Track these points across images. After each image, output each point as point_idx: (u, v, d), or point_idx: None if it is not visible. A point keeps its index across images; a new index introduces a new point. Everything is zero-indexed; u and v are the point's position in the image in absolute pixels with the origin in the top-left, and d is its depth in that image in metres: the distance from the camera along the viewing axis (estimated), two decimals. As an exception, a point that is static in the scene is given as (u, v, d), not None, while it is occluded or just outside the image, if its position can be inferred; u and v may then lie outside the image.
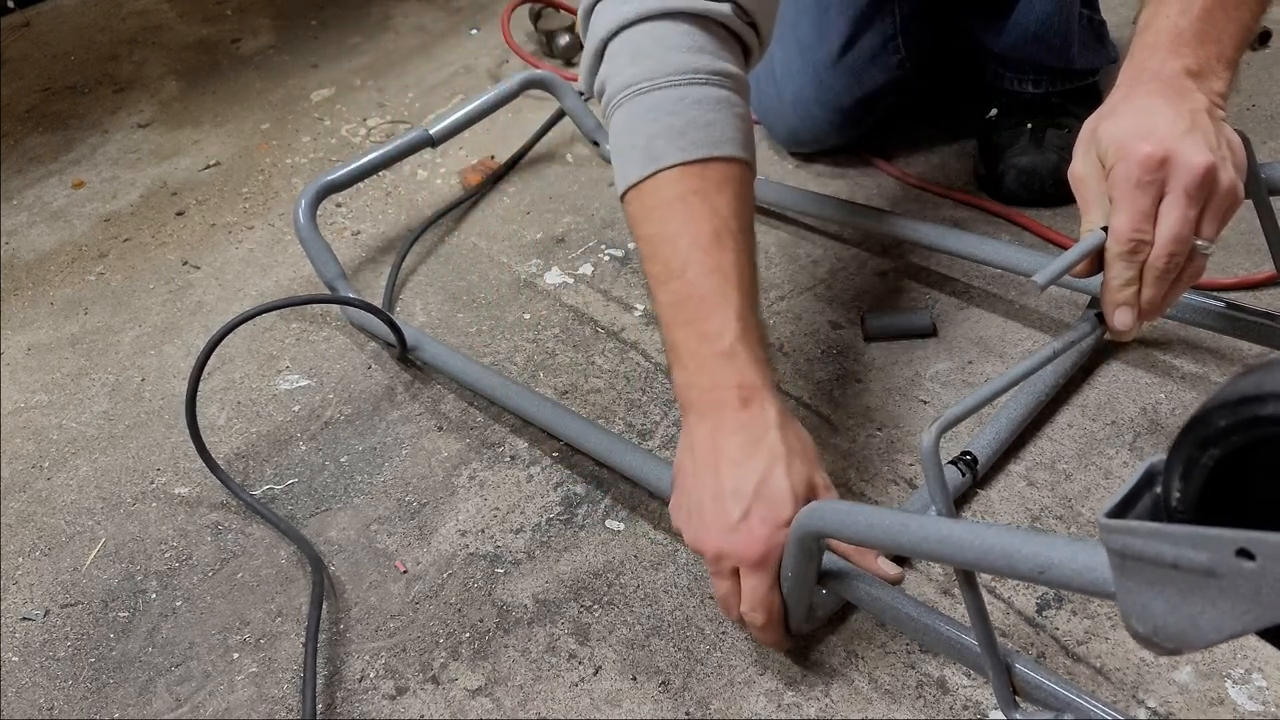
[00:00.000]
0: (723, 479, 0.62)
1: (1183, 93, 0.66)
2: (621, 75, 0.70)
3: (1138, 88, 0.68)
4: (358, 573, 0.82)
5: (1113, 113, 0.67)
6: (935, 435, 0.55)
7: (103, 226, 1.38)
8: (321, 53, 1.80)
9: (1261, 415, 0.33)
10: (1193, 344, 0.87)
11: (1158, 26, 0.69)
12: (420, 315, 1.10)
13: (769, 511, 0.61)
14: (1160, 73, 0.67)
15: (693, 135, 0.68)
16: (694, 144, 0.67)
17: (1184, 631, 0.37)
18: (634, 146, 0.69)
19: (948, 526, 0.50)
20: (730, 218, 0.67)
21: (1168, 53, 0.67)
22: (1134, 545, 0.37)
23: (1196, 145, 0.63)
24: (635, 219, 0.70)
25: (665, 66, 0.69)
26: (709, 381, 0.65)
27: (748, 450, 0.63)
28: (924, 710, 0.65)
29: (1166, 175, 0.63)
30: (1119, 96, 0.68)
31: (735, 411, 0.64)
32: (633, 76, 0.69)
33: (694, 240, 0.66)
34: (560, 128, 1.37)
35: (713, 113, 0.69)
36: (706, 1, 0.70)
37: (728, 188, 0.68)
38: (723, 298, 0.66)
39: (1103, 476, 0.78)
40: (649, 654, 0.72)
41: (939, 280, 1.01)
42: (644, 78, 0.69)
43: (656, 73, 0.69)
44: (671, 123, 0.68)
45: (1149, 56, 0.68)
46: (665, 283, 0.67)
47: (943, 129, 1.22)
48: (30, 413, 1.06)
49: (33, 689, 0.77)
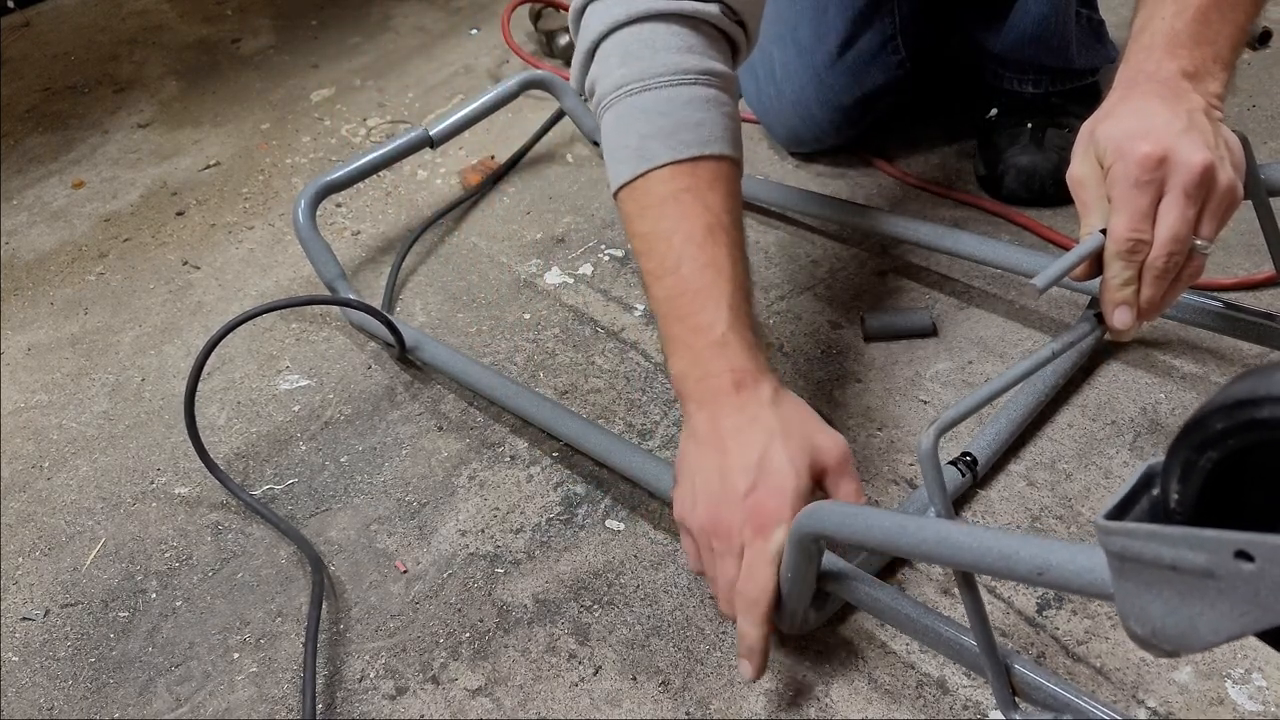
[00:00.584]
0: (729, 457, 0.64)
1: (1179, 94, 0.66)
2: (612, 76, 0.71)
3: (1134, 89, 0.68)
4: (358, 573, 0.82)
5: (1110, 114, 0.67)
6: (934, 437, 0.55)
7: (103, 226, 1.38)
8: (321, 53, 1.80)
9: (1258, 419, 0.33)
10: (1192, 344, 0.87)
11: (1153, 29, 0.69)
12: (420, 315, 1.10)
13: (775, 482, 0.63)
14: (1156, 74, 0.67)
15: (683, 135, 0.70)
16: (684, 143, 0.69)
17: (1182, 633, 0.37)
18: (626, 146, 0.71)
19: (946, 528, 0.50)
20: (722, 213, 0.70)
21: (1164, 55, 0.68)
22: (1132, 547, 0.37)
23: (1194, 144, 0.63)
24: (629, 216, 0.72)
25: (655, 67, 0.70)
26: (703, 371, 0.67)
27: (745, 429, 0.65)
28: (924, 710, 0.65)
29: (1165, 175, 0.63)
30: (1116, 98, 0.69)
31: (730, 395, 0.66)
32: (623, 77, 0.71)
33: (687, 236, 0.68)
34: (560, 128, 1.37)
35: (702, 112, 0.70)
36: (694, 2, 0.71)
37: (718, 185, 0.70)
38: (715, 290, 0.68)
39: (1103, 476, 0.78)
40: (649, 654, 0.72)
41: (939, 280, 1.01)
42: (634, 79, 0.71)
43: (646, 73, 0.70)
44: (662, 123, 0.70)
45: (1145, 59, 0.68)
46: (660, 278, 0.69)
47: (943, 129, 1.22)
48: (30, 413, 1.06)
49: (33, 689, 0.77)
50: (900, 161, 1.19)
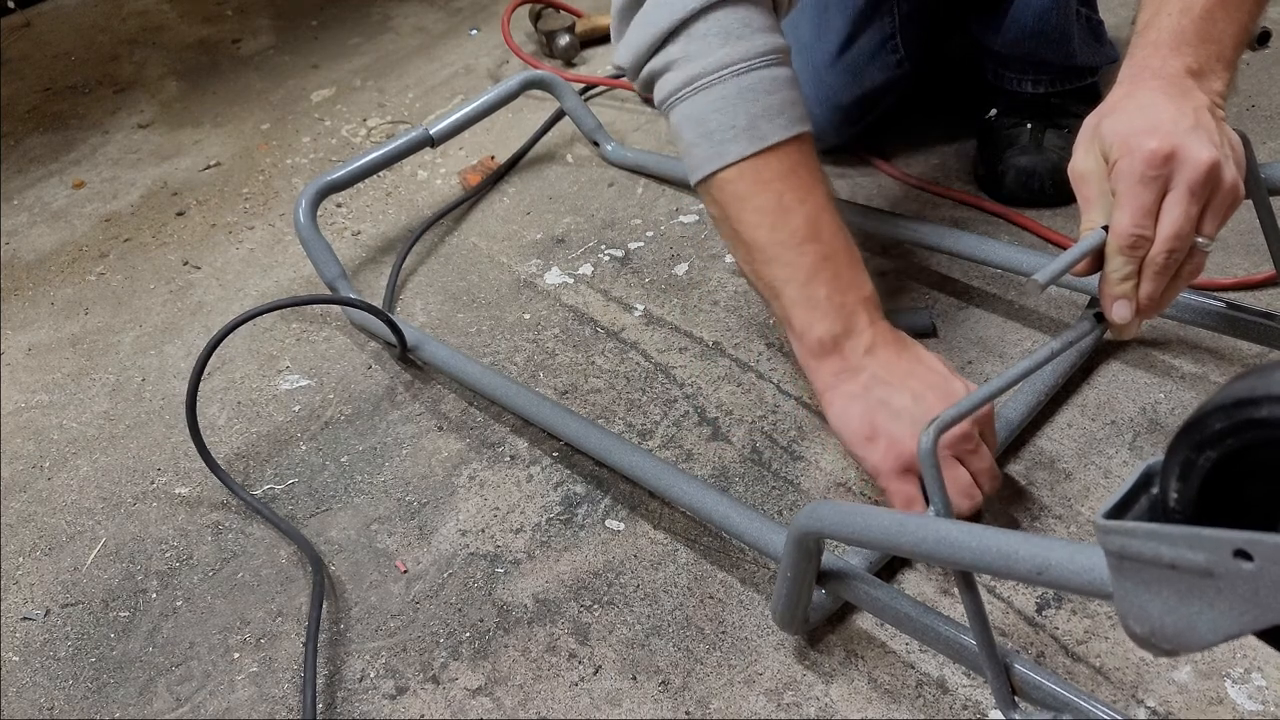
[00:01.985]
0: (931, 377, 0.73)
1: (1185, 91, 0.66)
2: (714, 56, 0.75)
3: (1140, 85, 0.68)
4: (358, 572, 0.82)
5: (1115, 109, 0.67)
6: (934, 435, 0.55)
7: (103, 226, 1.39)
8: (322, 53, 1.80)
9: (1257, 418, 0.33)
10: (1192, 344, 0.87)
11: (1159, 25, 0.69)
12: (420, 315, 1.10)
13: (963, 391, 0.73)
14: (1162, 71, 0.67)
15: (789, 113, 0.76)
16: (792, 120, 0.76)
17: (1181, 632, 0.37)
18: (734, 126, 0.75)
19: (946, 527, 0.50)
20: (826, 183, 0.78)
21: (1170, 51, 0.68)
22: (1131, 546, 0.37)
23: (1201, 141, 0.63)
24: (740, 196, 0.76)
25: (757, 47, 0.75)
26: (865, 322, 0.76)
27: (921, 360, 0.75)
28: (924, 710, 0.66)
29: (1171, 171, 0.63)
30: (1121, 93, 0.69)
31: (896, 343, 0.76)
32: (727, 57, 0.75)
33: (820, 206, 0.76)
34: (560, 128, 1.37)
35: (794, 91, 0.77)
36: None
37: (814, 158, 0.78)
38: (855, 254, 0.78)
39: (1102, 476, 0.78)
40: (649, 654, 0.72)
41: (939, 280, 1.01)
42: (739, 59, 0.75)
43: (750, 54, 0.75)
44: (769, 102, 0.75)
45: (1151, 55, 0.68)
46: (795, 246, 0.75)
47: (943, 129, 1.22)
48: (31, 413, 1.07)
49: (33, 689, 0.77)
50: (900, 161, 1.19)
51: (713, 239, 1.12)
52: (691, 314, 1.02)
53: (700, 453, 0.87)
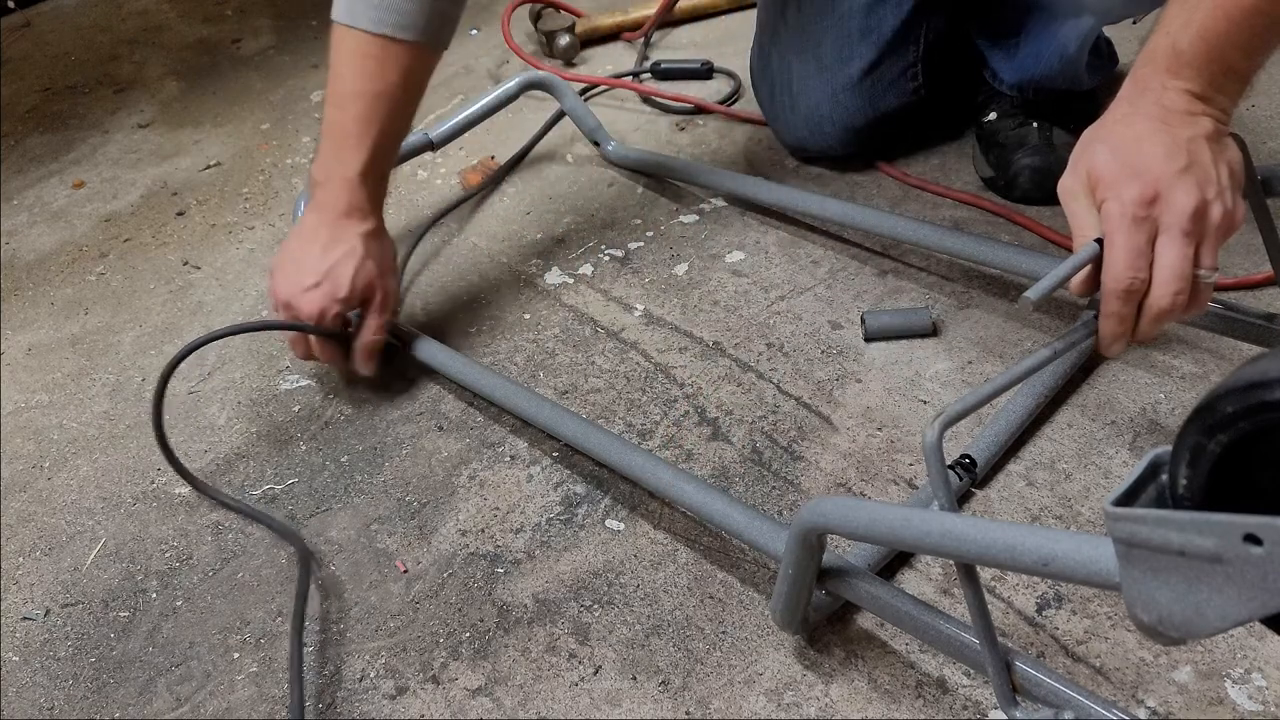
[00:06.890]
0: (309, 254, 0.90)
1: (1182, 121, 0.64)
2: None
3: (1137, 110, 0.66)
4: (358, 572, 0.82)
5: (1109, 135, 0.66)
6: (938, 431, 0.55)
7: (103, 226, 1.39)
8: (322, 53, 1.79)
9: (1268, 401, 0.33)
10: (1192, 344, 0.88)
11: (1155, 44, 0.66)
12: (420, 315, 1.10)
13: (330, 288, 0.90)
14: (1161, 97, 0.65)
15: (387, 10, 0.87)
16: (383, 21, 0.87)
17: (1189, 620, 0.37)
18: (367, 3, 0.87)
19: (950, 521, 0.50)
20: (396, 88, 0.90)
21: (1167, 74, 0.65)
22: (1140, 533, 0.37)
23: (1187, 186, 0.61)
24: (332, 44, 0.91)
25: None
26: (332, 195, 0.91)
27: (333, 243, 0.90)
28: (924, 710, 0.65)
29: (1159, 213, 0.62)
30: (1118, 115, 0.67)
31: (339, 216, 0.91)
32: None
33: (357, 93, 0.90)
34: (560, 128, 1.37)
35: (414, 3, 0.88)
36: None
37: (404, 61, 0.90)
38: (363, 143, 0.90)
39: (1102, 476, 0.78)
40: (649, 654, 0.72)
41: (939, 280, 1.01)
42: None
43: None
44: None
45: (1150, 76, 0.66)
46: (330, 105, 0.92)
47: (943, 129, 1.22)
48: (31, 413, 1.06)
49: (33, 689, 0.77)
50: (900, 161, 1.19)
51: (713, 239, 1.12)
52: (691, 314, 1.02)
53: (700, 453, 0.87)
